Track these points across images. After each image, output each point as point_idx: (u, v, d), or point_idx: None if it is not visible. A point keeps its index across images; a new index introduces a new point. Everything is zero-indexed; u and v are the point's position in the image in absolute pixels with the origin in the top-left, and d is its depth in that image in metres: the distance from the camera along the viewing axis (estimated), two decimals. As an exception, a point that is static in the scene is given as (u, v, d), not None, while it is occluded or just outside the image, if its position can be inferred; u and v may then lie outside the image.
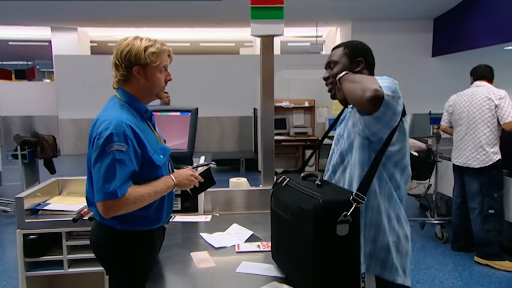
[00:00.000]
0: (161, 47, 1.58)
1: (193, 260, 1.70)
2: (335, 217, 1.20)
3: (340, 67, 1.53)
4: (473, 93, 3.64)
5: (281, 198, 1.43)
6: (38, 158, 5.24)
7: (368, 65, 1.56)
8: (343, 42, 1.61)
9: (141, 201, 1.49)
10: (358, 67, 1.53)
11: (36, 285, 2.46)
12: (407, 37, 10.53)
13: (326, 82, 1.59)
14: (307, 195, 1.28)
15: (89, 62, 10.34)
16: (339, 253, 1.23)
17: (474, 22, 8.79)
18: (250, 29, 2.34)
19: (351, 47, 1.55)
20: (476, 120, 3.55)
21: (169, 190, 1.61)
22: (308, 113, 7.68)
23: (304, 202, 1.27)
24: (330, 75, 1.56)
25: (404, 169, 1.46)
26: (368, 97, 1.25)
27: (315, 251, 1.22)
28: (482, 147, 3.50)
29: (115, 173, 1.41)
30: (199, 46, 13.97)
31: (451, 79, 10.15)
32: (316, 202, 1.21)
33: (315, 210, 1.21)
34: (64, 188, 2.76)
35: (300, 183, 1.38)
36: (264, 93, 2.43)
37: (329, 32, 12.15)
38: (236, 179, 2.60)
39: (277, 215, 1.49)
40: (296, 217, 1.31)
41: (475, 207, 3.59)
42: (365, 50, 1.57)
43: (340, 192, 1.29)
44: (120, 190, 1.41)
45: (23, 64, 19.18)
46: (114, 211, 1.44)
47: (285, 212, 1.39)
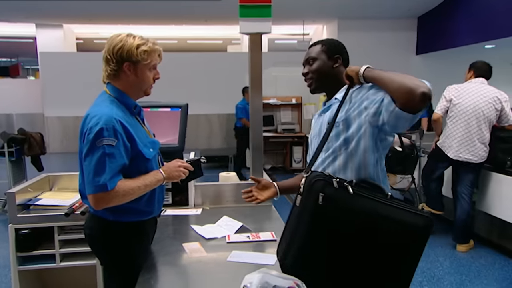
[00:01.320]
0: (153, 46, 1.62)
1: (185, 251, 1.77)
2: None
3: (319, 63, 1.59)
4: (481, 89, 3.64)
5: (362, 208, 1.25)
6: (25, 155, 5.21)
7: (345, 62, 1.63)
8: (320, 39, 1.67)
9: (131, 194, 1.54)
10: (336, 63, 1.60)
11: (28, 279, 2.48)
12: (392, 35, 10.68)
13: (306, 77, 1.64)
14: (405, 210, 1.26)
15: (75, 59, 10.23)
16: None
17: (456, 21, 8.97)
18: (237, 27, 2.40)
19: (329, 45, 1.62)
20: (484, 117, 3.58)
21: (159, 184, 1.65)
22: (295, 110, 7.78)
23: (407, 217, 1.25)
24: (309, 70, 1.62)
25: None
26: (420, 94, 1.25)
27: (411, 266, 1.27)
28: (485, 144, 3.60)
29: (104, 167, 1.46)
30: (186, 44, 13.92)
31: (434, 77, 10.16)
32: (427, 220, 1.26)
33: (427, 228, 1.25)
34: (54, 184, 2.78)
35: (367, 192, 1.28)
36: (253, 90, 2.50)
37: (316, 30, 12.24)
38: (226, 173, 2.66)
39: (341, 225, 1.25)
40: (388, 232, 1.24)
41: (466, 194, 3.72)
42: (341, 47, 1.64)
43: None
44: (110, 183, 1.46)
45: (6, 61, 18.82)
46: (104, 204, 1.49)
47: (367, 224, 1.25)
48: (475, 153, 3.63)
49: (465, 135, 3.66)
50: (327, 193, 1.23)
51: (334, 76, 1.60)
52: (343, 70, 1.58)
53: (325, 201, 1.22)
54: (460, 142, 3.68)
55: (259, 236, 1.92)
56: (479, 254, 3.78)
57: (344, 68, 1.60)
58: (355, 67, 1.48)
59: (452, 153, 3.74)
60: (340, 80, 1.57)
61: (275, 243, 1.84)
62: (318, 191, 1.23)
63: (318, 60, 1.60)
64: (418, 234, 1.26)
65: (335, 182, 1.24)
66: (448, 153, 3.76)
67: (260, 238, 1.91)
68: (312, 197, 1.24)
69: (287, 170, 7.71)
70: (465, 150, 3.66)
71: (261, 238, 1.90)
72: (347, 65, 1.64)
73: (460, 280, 3.32)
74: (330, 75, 1.60)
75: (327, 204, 1.22)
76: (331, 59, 1.60)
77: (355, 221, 1.24)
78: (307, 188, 1.27)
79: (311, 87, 1.64)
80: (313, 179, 1.26)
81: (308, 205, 1.26)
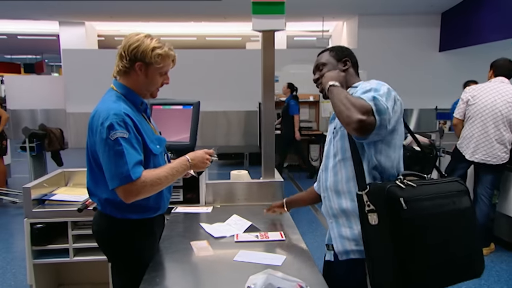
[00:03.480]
0: (168, 51, 1.62)
1: (192, 249, 1.76)
2: None
3: (329, 67, 1.61)
4: (500, 89, 3.51)
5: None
6: (45, 150, 5.34)
7: (354, 64, 1.64)
8: (327, 47, 1.70)
9: (159, 184, 1.54)
10: (345, 65, 1.61)
11: (43, 272, 2.54)
12: (414, 31, 10.45)
13: (317, 83, 1.66)
14: (447, 181, 1.43)
15: (97, 56, 10.42)
16: None
17: (482, 16, 8.71)
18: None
19: (336, 50, 1.65)
20: (502, 117, 3.45)
21: (185, 171, 1.66)
22: (313, 107, 7.71)
23: (452, 186, 1.41)
24: (319, 76, 1.63)
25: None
26: (355, 128, 1.29)
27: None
28: (505, 145, 3.47)
29: (124, 158, 1.46)
30: (205, 40, 13.99)
31: (458, 74, 10.05)
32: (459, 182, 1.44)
33: (465, 188, 1.44)
34: (70, 180, 2.83)
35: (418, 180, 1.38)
36: (265, 87, 2.47)
37: (336, 26, 12.10)
38: (237, 172, 2.64)
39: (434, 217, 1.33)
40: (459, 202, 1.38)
41: (485, 196, 3.61)
42: (349, 51, 1.66)
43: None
44: (133, 173, 1.46)
45: (32, 58, 19.35)
46: (134, 195, 1.49)
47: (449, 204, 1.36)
48: (493, 154, 3.50)
49: (481, 136, 3.54)
50: (405, 196, 1.28)
51: (344, 79, 1.57)
52: (352, 72, 1.62)
53: (407, 203, 1.27)
54: (477, 143, 3.56)
55: (267, 236, 1.90)
56: (500, 258, 3.66)
57: (354, 70, 1.64)
58: (329, 77, 1.49)
59: (468, 155, 3.63)
60: (350, 82, 1.60)
61: (283, 244, 1.84)
62: (397, 197, 1.27)
63: (328, 64, 1.62)
64: (467, 196, 1.43)
65: (399, 183, 1.31)
66: (465, 155, 3.65)
67: (268, 238, 1.88)
68: (394, 206, 1.27)
69: (303, 168, 7.65)
70: (481, 151, 3.54)
71: (270, 238, 1.88)
72: (357, 67, 1.66)
73: (479, 284, 3.22)
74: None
75: (411, 206, 1.27)
76: (341, 62, 1.62)
77: (437, 210, 1.33)
78: (383, 200, 1.30)
79: (323, 93, 1.61)
80: (386, 188, 1.30)
81: (394, 214, 1.28)
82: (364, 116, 1.27)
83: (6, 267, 3.52)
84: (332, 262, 1.58)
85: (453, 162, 3.94)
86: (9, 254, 3.81)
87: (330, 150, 1.61)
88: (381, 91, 1.38)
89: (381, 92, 1.38)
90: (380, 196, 1.31)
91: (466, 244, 1.41)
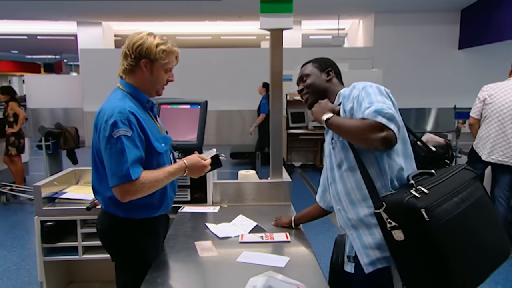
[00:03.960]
0: (172, 47, 1.64)
1: (196, 249, 1.75)
2: None
3: (312, 78, 1.64)
4: None
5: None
6: (61, 149, 5.43)
7: (337, 74, 1.66)
8: (308, 60, 1.71)
9: (156, 186, 1.55)
10: (329, 76, 1.64)
11: (54, 269, 2.58)
12: (433, 29, 10.25)
13: (301, 94, 1.68)
14: (458, 171, 1.44)
15: (113, 56, 10.45)
16: None
17: (503, 13, 8.47)
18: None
19: (319, 61, 1.67)
20: None
21: (181, 173, 1.65)
22: (326, 107, 7.61)
23: (466, 174, 1.43)
24: (304, 86, 1.66)
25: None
26: (382, 148, 1.32)
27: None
28: None
29: (124, 156, 1.47)
30: (220, 40, 14.03)
31: (478, 73, 9.84)
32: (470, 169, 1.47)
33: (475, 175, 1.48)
34: (81, 178, 2.86)
35: (430, 180, 1.35)
36: (273, 86, 2.45)
37: (352, 24, 11.97)
38: (245, 171, 2.63)
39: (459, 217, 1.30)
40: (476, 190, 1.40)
41: (502, 198, 3.50)
42: (331, 62, 1.68)
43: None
44: (133, 173, 1.46)
45: (51, 58, 19.76)
46: (131, 195, 1.50)
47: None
48: (511, 155, 3.39)
49: (499, 136, 3.42)
50: (424, 206, 1.24)
51: (328, 89, 1.63)
52: (336, 81, 1.65)
53: (428, 212, 1.23)
54: (494, 144, 3.45)
55: (272, 237, 1.88)
56: (517, 262, 3.55)
57: (338, 79, 1.67)
58: (318, 113, 1.51)
59: (485, 155, 3.52)
60: (334, 90, 1.62)
61: (288, 245, 1.82)
62: (418, 209, 1.23)
63: (312, 75, 1.65)
64: (478, 181, 1.44)
65: (414, 192, 1.27)
66: (481, 155, 3.54)
67: (273, 239, 1.86)
68: (418, 219, 1.23)
69: (317, 167, 7.59)
70: (499, 151, 3.43)
71: (275, 239, 1.86)
72: (341, 78, 1.68)
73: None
74: (324, 88, 1.63)
75: (432, 215, 1.23)
76: (324, 72, 1.64)
77: (458, 208, 1.29)
78: (405, 215, 1.26)
79: (308, 102, 1.67)
80: (404, 202, 1.25)
81: (420, 228, 1.24)
82: (383, 133, 1.29)
83: (20, 263, 3.59)
84: (352, 274, 1.53)
85: (469, 163, 3.84)
86: (25, 250, 3.89)
87: (332, 162, 1.58)
88: (372, 96, 1.37)
89: (373, 97, 1.37)
90: (400, 211, 1.27)
91: (491, 229, 1.41)
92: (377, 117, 1.29)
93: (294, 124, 7.39)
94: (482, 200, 1.40)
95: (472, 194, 1.36)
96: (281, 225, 2.01)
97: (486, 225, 1.40)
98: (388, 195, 1.34)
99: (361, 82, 1.49)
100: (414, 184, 1.30)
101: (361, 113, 1.36)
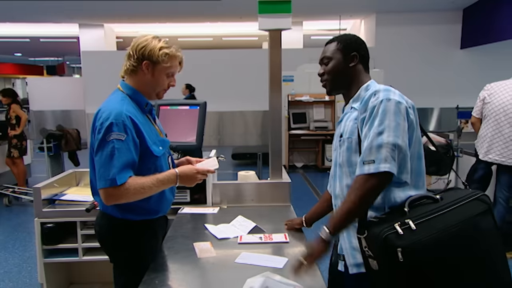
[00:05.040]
0: (175, 52, 1.64)
1: (195, 250, 1.75)
2: None
3: (334, 63, 1.52)
4: None
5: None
6: (62, 151, 5.45)
7: (362, 59, 1.52)
8: (336, 36, 1.57)
9: (142, 192, 1.53)
10: (352, 62, 1.50)
11: (54, 271, 2.58)
12: (435, 28, 10.21)
13: (321, 78, 1.58)
14: (462, 204, 1.27)
15: (115, 58, 10.46)
16: None
17: (505, 12, 8.43)
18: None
19: (345, 42, 1.52)
20: None
21: (171, 185, 1.64)
22: (328, 107, 7.61)
23: (469, 210, 1.26)
24: (324, 71, 1.55)
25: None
26: (379, 191, 1.30)
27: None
28: None
29: (113, 161, 1.47)
30: (222, 41, 14.03)
31: (480, 72, 9.79)
32: (482, 199, 1.30)
33: (489, 207, 1.29)
34: (81, 180, 2.87)
35: (424, 212, 1.25)
36: (272, 87, 2.44)
37: (353, 25, 11.94)
38: (245, 172, 2.62)
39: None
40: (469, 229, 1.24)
41: (502, 198, 3.48)
42: (359, 44, 1.53)
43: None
44: (119, 178, 1.46)
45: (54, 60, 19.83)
46: (114, 199, 1.50)
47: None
48: (508, 155, 3.35)
49: (495, 135, 3.41)
50: (403, 245, 1.16)
51: (350, 76, 1.51)
52: (361, 68, 1.52)
53: (406, 253, 1.16)
54: (490, 143, 3.44)
55: (271, 238, 1.87)
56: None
57: (362, 66, 1.53)
58: (312, 248, 1.38)
59: (482, 155, 3.52)
60: (357, 79, 1.51)
61: (287, 246, 1.81)
62: (395, 248, 1.17)
63: (333, 59, 1.52)
64: (488, 215, 1.27)
65: (398, 228, 1.19)
66: (479, 154, 3.54)
67: (272, 239, 1.86)
68: (392, 257, 1.17)
69: (319, 168, 7.58)
70: (495, 151, 3.41)
71: (273, 240, 1.85)
72: (367, 62, 1.55)
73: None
74: (346, 75, 1.52)
75: (409, 256, 1.16)
76: (347, 57, 1.50)
77: (445, 253, 1.19)
78: (379, 249, 1.23)
79: (327, 89, 1.58)
80: (382, 235, 1.20)
81: (392, 266, 1.20)
82: (374, 182, 1.28)
83: (22, 265, 3.60)
84: (343, 273, 1.52)
85: (475, 163, 3.83)
86: (26, 252, 3.90)
87: (337, 158, 1.55)
88: (386, 118, 1.31)
89: (386, 119, 1.30)
90: (376, 244, 1.22)
91: (488, 280, 1.25)
92: (364, 167, 1.29)
93: (295, 125, 7.39)
94: (486, 244, 1.25)
95: (471, 236, 1.22)
96: (293, 227, 1.95)
97: (482, 276, 1.24)
98: (374, 222, 1.28)
99: (383, 88, 1.39)
100: (407, 213, 1.24)
101: (366, 138, 1.34)
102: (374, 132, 1.31)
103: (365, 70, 1.54)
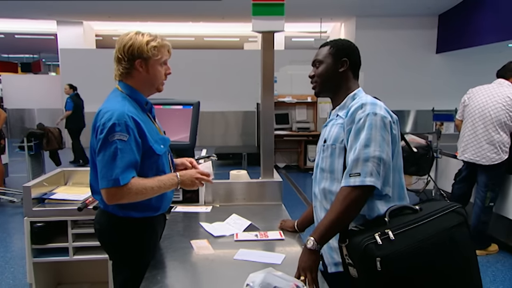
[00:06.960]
0: (162, 42, 1.65)
1: (192, 248, 1.78)
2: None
3: (324, 66, 1.57)
4: (494, 90, 3.54)
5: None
6: (44, 150, 5.34)
7: (353, 65, 1.56)
8: (330, 40, 1.62)
9: (144, 194, 1.55)
10: (342, 67, 1.54)
11: (42, 271, 2.55)
12: (412, 33, 10.50)
13: (311, 80, 1.62)
14: (439, 215, 1.33)
15: (94, 56, 10.40)
16: None
17: (479, 19, 8.76)
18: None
19: (337, 47, 1.56)
20: (491, 118, 3.46)
21: (173, 188, 1.66)
22: (310, 108, 7.73)
23: (445, 222, 1.32)
24: (315, 73, 1.60)
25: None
26: (364, 201, 1.37)
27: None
28: (495, 145, 3.44)
29: (116, 161, 1.48)
30: (203, 41, 13.99)
31: (455, 76, 10.14)
32: (458, 212, 1.36)
33: (464, 219, 1.36)
34: (69, 179, 2.84)
35: (402, 222, 1.31)
36: (265, 88, 2.49)
37: (334, 27, 12.13)
38: (237, 172, 2.66)
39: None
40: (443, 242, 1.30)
41: (478, 198, 3.62)
42: (351, 49, 1.57)
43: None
44: (122, 178, 1.48)
45: (29, 57, 19.27)
46: (116, 199, 1.51)
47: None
48: (482, 154, 3.52)
49: (471, 136, 3.61)
50: (382, 255, 1.22)
51: (338, 81, 1.56)
52: (350, 75, 1.57)
53: (384, 263, 1.22)
54: (466, 143, 3.64)
55: (267, 235, 1.91)
56: (496, 258, 3.70)
57: (351, 73, 1.57)
58: (304, 262, 1.40)
59: (459, 154, 3.74)
60: (345, 85, 1.56)
61: (282, 242, 1.85)
62: (374, 258, 1.22)
63: (324, 63, 1.57)
64: (464, 226, 1.34)
65: (377, 238, 1.25)
66: (459, 156, 3.74)
67: (268, 237, 1.90)
68: (371, 266, 1.23)
69: (301, 169, 7.68)
70: (470, 150, 3.61)
71: (269, 237, 1.90)
72: (358, 68, 1.60)
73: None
74: (334, 80, 1.57)
75: (387, 266, 1.22)
76: (337, 62, 1.55)
77: (421, 263, 1.25)
78: (359, 258, 1.28)
79: (315, 91, 1.64)
80: (362, 245, 1.25)
81: (370, 275, 1.25)
82: (357, 194, 1.35)
83: (4, 266, 3.52)
84: (322, 272, 1.54)
85: None
86: (8, 253, 3.81)
87: (319, 161, 1.60)
88: (372, 132, 1.37)
89: (371, 134, 1.37)
90: (356, 253, 1.28)
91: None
92: (350, 180, 1.36)
93: (278, 126, 7.46)
94: (461, 254, 1.32)
95: (447, 247, 1.28)
96: (286, 229, 1.97)
97: (457, 285, 1.31)
98: (356, 231, 1.34)
99: (370, 102, 1.44)
100: (387, 223, 1.30)
101: (351, 150, 1.40)
102: (360, 144, 1.38)
103: (354, 77, 1.58)
